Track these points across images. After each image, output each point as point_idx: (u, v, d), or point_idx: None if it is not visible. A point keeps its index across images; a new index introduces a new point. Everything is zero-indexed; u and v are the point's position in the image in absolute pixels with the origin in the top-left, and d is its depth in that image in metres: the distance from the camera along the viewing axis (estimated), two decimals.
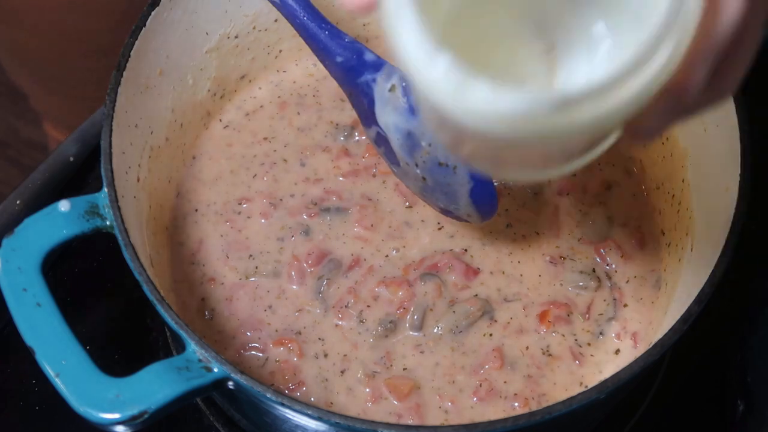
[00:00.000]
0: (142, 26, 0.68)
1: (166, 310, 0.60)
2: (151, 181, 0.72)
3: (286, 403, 0.57)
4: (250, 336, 0.71)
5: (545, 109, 0.38)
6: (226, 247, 0.74)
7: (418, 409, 0.68)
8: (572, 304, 0.73)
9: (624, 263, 0.74)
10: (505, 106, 0.37)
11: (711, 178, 0.69)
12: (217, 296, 0.73)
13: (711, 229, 0.66)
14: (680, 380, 0.77)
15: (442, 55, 0.37)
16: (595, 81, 0.39)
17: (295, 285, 0.73)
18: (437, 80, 0.37)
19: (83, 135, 0.82)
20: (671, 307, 0.70)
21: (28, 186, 0.80)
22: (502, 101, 0.37)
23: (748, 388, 0.77)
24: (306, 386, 0.69)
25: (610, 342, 0.72)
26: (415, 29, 0.37)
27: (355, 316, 0.71)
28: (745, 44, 0.45)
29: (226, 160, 0.78)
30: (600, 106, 0.39)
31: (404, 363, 0.70)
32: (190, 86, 0.76)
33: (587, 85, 0.38)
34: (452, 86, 0.37)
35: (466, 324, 0.71)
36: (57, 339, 0.59)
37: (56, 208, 0.63)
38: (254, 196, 0.76)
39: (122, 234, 0.62)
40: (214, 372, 0.59)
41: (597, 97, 0.39)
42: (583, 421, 0.72)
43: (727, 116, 0.67)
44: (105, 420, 0.57)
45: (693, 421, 0.77)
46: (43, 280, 0.61)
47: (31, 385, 0.75)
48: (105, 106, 0.65)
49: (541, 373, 0.70)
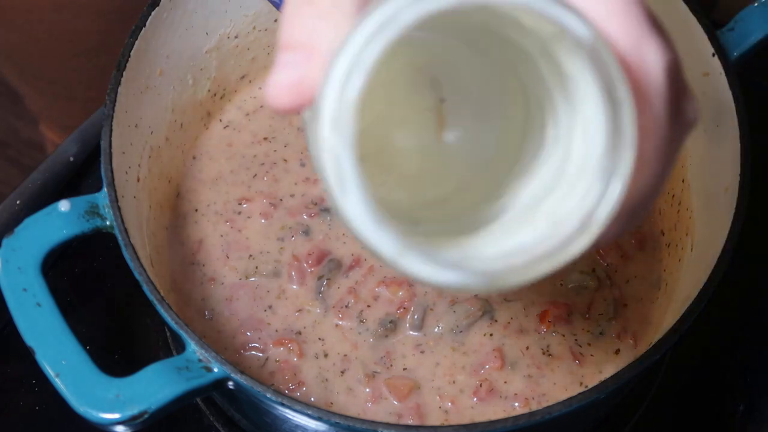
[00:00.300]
0: (142, 26, 0.68)
1: (166, 310, 0.60)
2: (151, 181, 0.72)
3: (286, 403, 0.57)
4: (250, 336, 0.71)
5: (477, 286, 0.41)
6: (226, 247, 0.74)
7: (418, 409, 0.68)
8: (572, 304, 0.73)
9: (624, 263, 0.74)
10: (439, 280, 0.40)
11: (711, 178, 0.69)
12: (217, 296, 0.73)
13: (711, 229, 0.66)
14: (680, 380, 0.77)
15: (384, 227, 0.40)
16: (520, 263, 0.42)
17: (295, 285, 0.73)
18: (379, 244, 0.40)
19: (83, 135, 0.82)
20: (671, 307, 0.70)
21: (28, 186, 0.80)
22: (436, 275, 0.40)
23: (748, 388, 0.77)
24: (306, 386, 0.69)
25: (610, 342, 0.72)
26: (362, 199, 0.40)
27: (356, 316, 0.71)
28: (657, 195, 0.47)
29: (226, 160, 0.78)
30: (532, 274, 0.42)
31: (404, 363, 0.70)
32: (190, 86, 0.76)
33: (512, 265, 0.42)
34: (392, 255, 0.40)
35: (466, 324, 0.71)
36: (57, 339, 0.59)
37: (56, 208, 0.63)
38: (254, 196, 0.76)
39: (122, 234, 0.62)
40: (214, 372, 0.59)
41: (524, 272, 0.42)
42: (583, 421, 0.72)
43: (727, 116, 0.67)
44: (105, 420, 0.57)
45: (693, 421, 0.77)
46: (43, 280, 0.61)
47: (31, 385, 0.75)
48: (105, 106, 0.65)
49: (541, 373, 0.70)
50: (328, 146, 0.40)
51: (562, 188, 0.45)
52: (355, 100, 0.40)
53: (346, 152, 0.40)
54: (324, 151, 0.40)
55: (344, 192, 0.40)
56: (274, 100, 0.43)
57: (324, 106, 0.40)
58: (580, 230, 0.42)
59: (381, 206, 0.41)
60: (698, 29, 0.69)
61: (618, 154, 0.41)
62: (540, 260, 0.42)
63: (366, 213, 0.40)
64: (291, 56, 0.43)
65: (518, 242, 0.44)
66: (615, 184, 0.42)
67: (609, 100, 0.41)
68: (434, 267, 0.40)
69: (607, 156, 0.41)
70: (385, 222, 0.40)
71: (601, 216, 0.42)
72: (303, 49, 0.42)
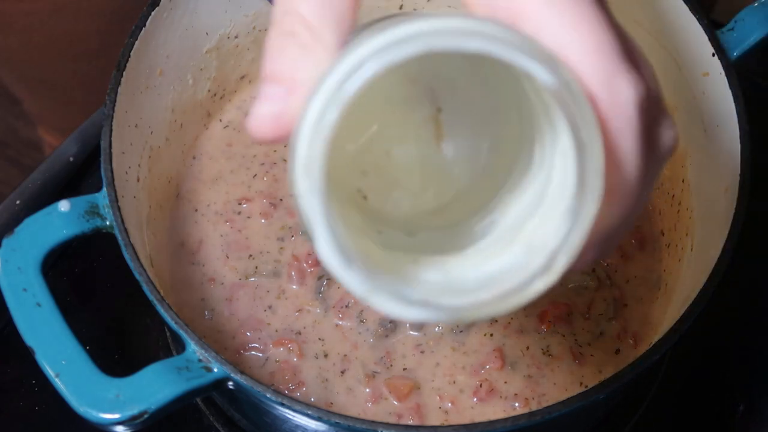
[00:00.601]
0: (142, 26, 0.68)
1: (166, 310, 0.60)
2: (151, 181, 0.72)
3: (286, 403, 0.57)
4: (250, 336, 0.71)
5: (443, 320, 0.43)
6: (226, 247, 0.74)
7: (418, 410, 0.68)
8: (572, 304, 0.73)
9: (624, 263, 0.74)
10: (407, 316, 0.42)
11: (711, 178, 0.69)
12: (217, 296, 0.73)
13: (711, 229, 0.66)
14: (680, 380, 0.77)
15: (353, 268, 0.41)
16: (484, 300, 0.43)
17: (295, 285, 0.73)
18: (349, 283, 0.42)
19: (83, 135, 0.82)
20: (671, 307, 0.70)
21: (28, 186, 0.80)
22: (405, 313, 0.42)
23: (748, 388, 0.77)
24: (306, 386, 0.69)
25: (611, 342, 0.72)
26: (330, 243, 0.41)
27: (356, 316, 0.71)
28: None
29: (226, 160, 0.78)
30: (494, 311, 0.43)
31: (404, 363, 0.70)
32: (190, 86, 0.76)
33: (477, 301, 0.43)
34: (361, 294, 0.42)
35: (466, 324, 0.71)
36: (57, 339, 0.59)
37: (56, 208, 0.63)
38: (254, 196, 0.76)
39: (122, 234, 0.62)
40: (214, 372, 0.59)
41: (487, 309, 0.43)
42: (583, 420, 0.72)
43: (727, 116, 0.67)
44: (105, 420, 0.57)
45: (693, 421, 0.77)
46: (43, 280, 0.61)
47: (31, 385, 0.75)
48: (105, 106, 0.65)
49: (541, 373, 0.70)
50: (301, 191, 0.41)
51: (542, 213, 0.45)
52: (323, 148, 0.41)
53: (316, 199, 0.41)
54: (297, 195, 0.42)
55: (315, 234, 0.41)
56: (257, 131, 0.44)
57: (297, 150, 0.42)
58: (543, 270, 0.43)
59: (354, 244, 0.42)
60: (698, 29, 0.69)
61: (583, 198, 0.42)
62: (503, 298, 0.43)
63: (335, 256, 0.41)
64: (273, 89, 0.43)
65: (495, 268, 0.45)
66: (575, 234, 0.42)
67: (576, 141, 0.41)
68: (401, 305, 0.42)
69: (575, 197, 0.42)
70: (354, 263, 0.41)
71: (561, 261, 0.43)
72: (284, 82, 0.43)
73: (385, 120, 0.51)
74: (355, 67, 0.40)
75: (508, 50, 0.40)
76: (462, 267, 0.46)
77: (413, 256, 0.47)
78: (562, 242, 0.42)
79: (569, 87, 0.40)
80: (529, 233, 0.45)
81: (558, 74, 0.40)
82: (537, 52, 0.40)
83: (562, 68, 0.41)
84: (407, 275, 0.45)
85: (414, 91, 0.51)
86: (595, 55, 0.42)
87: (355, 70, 0.40)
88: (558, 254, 0.43)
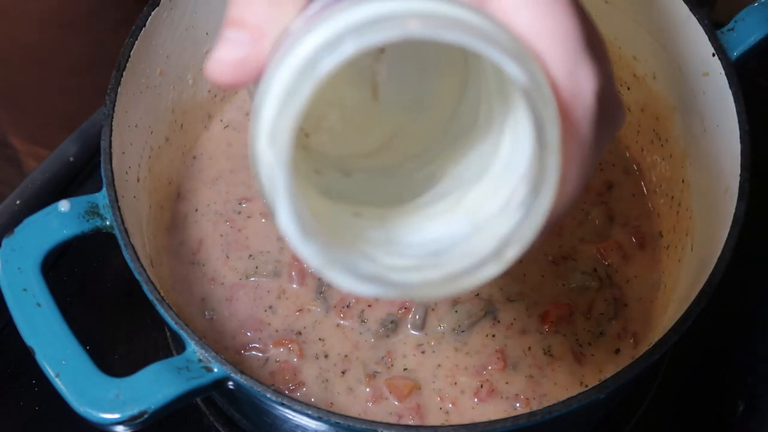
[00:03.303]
0: (142, 26, 0.68)
1: (166, 310, 0.60)
2: (151, 181, 0.72)
3: (286, 403, 0.57)
4: (250, 336, 0.71)
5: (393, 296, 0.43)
6: (226, 247, 0.74)
7: (419, 410, 0.68)
8: (574, 304, 0.72)
9: (624, 263, 0.74)
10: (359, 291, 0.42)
11: (711, 178, 0.69)
12: (217, 296, 0.73)
13: (711, 230, 0.66)
14: (680, 380, 0.77)
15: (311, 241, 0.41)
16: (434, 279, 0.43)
17: (296, 285, 0.73)
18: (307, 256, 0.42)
19: (83, 135, 0.82)
20: (671, 307, 0.70)
21: (28, 186, 0.80)
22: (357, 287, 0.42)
23: (748, 388, 0.77)
24: (306, 386, 0.69)
25: (611, 342, 0.72)
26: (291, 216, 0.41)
27: (357, 316, 0.71)
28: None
29: (226, 160, 0.78)
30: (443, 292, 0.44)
31: (405, 363, 0.70)
32: (190, 86, 0.76)
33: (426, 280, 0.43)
34: (317, 266, 0.42)
35: (468, 324, 0.71)
36: (57, 339, 0.59)
37: (56, 208, 0.63)
38: (254, 196, 0.76)
39: (122, 234, 0.62)
40: (214, 372, 0.59)
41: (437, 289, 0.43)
42: (583, 421, 0.72)
43: (727, 116, 0.67)
44: (105, 420, 0.57)
45: (693, 421, 0.77)
46: (43, 280, 0.61)
47: (31, 385, 0.75)
48: (105, 106, 0.65)
49: (542, 373, 0.70)
50: (264, 161, 0.41)
51: (487, 182, 0.46)
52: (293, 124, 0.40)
53: (281, 172, 0.41)
54: (259, 164, 0.42)
55: (277, 206, 0.41)
56: (216, 75, 0.44)
57: (261, 119, 0.41)
58: (493, 256, 0.43)
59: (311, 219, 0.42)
60: (698, 29, 0.69)
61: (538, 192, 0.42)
62: (452, 280, 0.43)
63: (295, 227, 0.41)
64: (237, 34, 0.43)
65: (438, 235, 0.45)
66: (527, 227, 0.42)
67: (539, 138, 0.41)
68: (355, 280, 0.42)
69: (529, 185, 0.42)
70: (312, 236, 0.41)
71: (512, 252, 0.43)
72: (249, 29, 0.43)
73: None
74: (331, 44, 0.39)
75: (484, 44, 0.40)
76: (403, 226, 0.46)
77: (354, 207, 0.47)
78: (514, 232, 0.43)
79: (538, 85, 0.40)
80: (473, 203, 0.46)
81: (529, 71, 0.40)
82: (510, 44, 0.40)
83: (533, 64, 0.41)
84: (351, 232, 0.45)
85: None
86: (562, 44, 0.42)
87: (331, 47, 0.39)
88: (509, 243, 0.43)
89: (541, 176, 0.41)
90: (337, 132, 0.53)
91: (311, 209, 0.44)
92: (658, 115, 0.76)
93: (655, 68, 0.74)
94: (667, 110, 0.75)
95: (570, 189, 0.45)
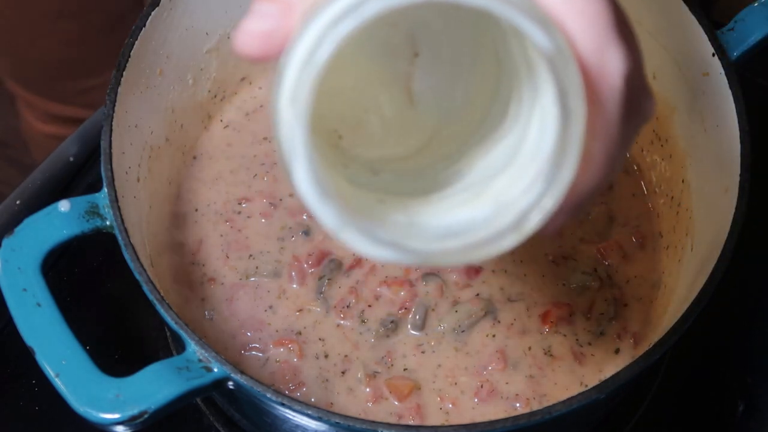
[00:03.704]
0: (142, 26, 0.68)
1: (166, 310, 0.60)
2: (151, 181, 0.72)
3: (286, 403, 0.57)
4: (250, 336, 0.71)
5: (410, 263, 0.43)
6: (226, 247, 0.74)
7: (419, 410, 0.68)
8: (574, 304, 0.72)
9: (625, 263, 0.74)
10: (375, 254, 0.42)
11: (711, 178, 0.69)
12: (217, 296, 0.73)
13: (711, 230, 0.66)
14: (680, 380, 0.77)
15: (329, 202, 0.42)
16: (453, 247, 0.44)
17: (296, 285, 0.73)
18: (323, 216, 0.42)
19: (83, 135, 0.82)
20: (671, 307, 0.70)
21: (28, 186, 0.80)
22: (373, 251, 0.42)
23: (748, 388, 0.77)
24: (306, 386, 0.69)
25: (611, 342, 0.72)
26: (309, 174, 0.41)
27: (357, 316, 0.71)
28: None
29: (226, 160, 0.78)
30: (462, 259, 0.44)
31: (405, 363, 0.70)
32: (190, 86, 0.76)
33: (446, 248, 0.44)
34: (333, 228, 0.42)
35: (468, 324, 0.71)
36: (57, 339, 0.59)
37: (56, 208, 0.63)
38: (254, 196, 0.76)
39: (122, 234, 0.62)
40: (214, 372, 0.58)
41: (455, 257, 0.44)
42: (583, 420, 0.72)
43: (727, 116, 0.67)
44: (105, 420, 0.57)
45: (693, 421, 0.77)
46: (43, 280, 0.61)
47: (31, 385, 0.75)
48: (105, 106, 0.65)
49: (542, 373, 0.70)
50: (284, 119, 0.42)
51: (513, 170, 0.46)
52: (313, 80, 0.41)
53: (299, 129, 0.41)
54: (279, 123, 0.42)
55: (294, 164, 0.41)
56: (244, 46, 0.44)
57: (284, 78, 0.42)
58: (513, 227, 0.43)
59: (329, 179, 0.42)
60: (698, 29, 0.69)
61: (561, 163, 0.42)
62: (472, 248, 0.44)
63: (312, 187, 0.41)
64: (267, 7, 0.44)
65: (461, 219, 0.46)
66: (548, 197, 0.43)
67: (562, 107, 0.42)
68: (371, 243, 0.42)
69: (553, 160, 0.43)
70: (329, 197, 0.42)
71: (532, 222, 0.43)
72: (279, 3, 0.44)
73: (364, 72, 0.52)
74: (354, 6, 0.40)
75: (508, 9, 0.40)
76: (426, 213, 0.47)
77: (379, 195, 0.48)
78: (535, 203, 0.43)
79: (562, 53, 0.41)
80: (498, 190, 0.46)
81: (553, 39, 0.41)
82: (534, 13, 0.41)
83: (557, 33, 0.41)
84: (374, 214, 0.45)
85: (394, 35, 0.51)
86: (591, 24, 0.43)
87: (354, 8, 0.40)
88: (530, 214, 0.43)
89: (564, 147, 0.42)
90: (376, 138, 0.53)
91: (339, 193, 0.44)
92: (658, 115, 0.76)
93: (655, 68, 0.74)
94: (667, 110, 0.75)
95: (595, 168, 0.45)
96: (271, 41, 0.44)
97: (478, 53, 0.51)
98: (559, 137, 0.42)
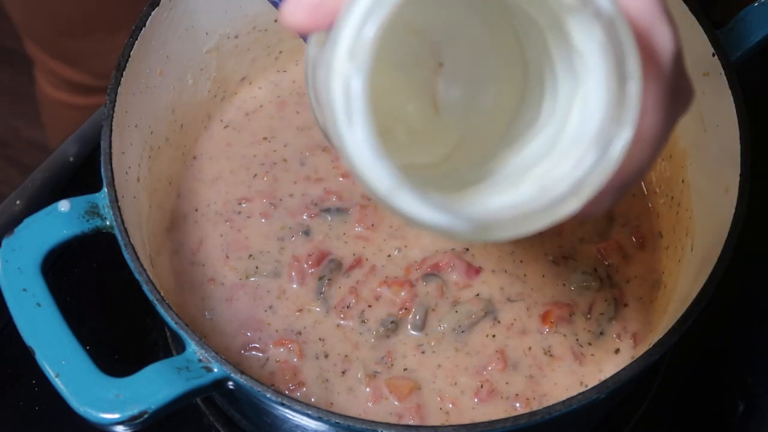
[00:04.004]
0: (142, 26, 0.68)
1: (166, 310, 0.60)
2: (151, 181, 0.72)
3: (286, 403, 0.57)
4: (250, 336, 0.71)
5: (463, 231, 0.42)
6: (226, 247, 0.74)
7: (419, 410, 0.68)
8: (574, 304, 0.72)
9: (625, 263, 0.74)
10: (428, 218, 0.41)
11: (711, 178, 0.69)
12: (217, 296, 0.73)
13: (711, 229, 0.66)
14: (680, 380, 0.77)
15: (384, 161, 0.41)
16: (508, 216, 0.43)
17: (296, 285, 0.73)
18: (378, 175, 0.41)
19: (83, 135, 0.82)
20: (671, 307, 0.70)
21: (28, 186, 0.80)
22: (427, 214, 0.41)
23: (748, 388, 0.77)
24: (306, 386, 0.69)
25: (611, 342, 0.72)
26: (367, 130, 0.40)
27: (357, 316, 0.71)
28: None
29: (226, 160, 0.78)
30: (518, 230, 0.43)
31: (405, 363, 0.70)
32: (190, 86, 0.76)
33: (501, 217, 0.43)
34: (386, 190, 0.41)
35: (468, 324, 0.71)
36: (57, 339, 0.59)
37: (56, 208, 0.63)
38: (254, 196, 0.76)
39: (122, 234, 0.62)
40: (214, 372, 0.59)
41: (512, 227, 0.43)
42: (583, 420, 0.72)
43: (727, 116, 0.67)
44: (105, 420, 0.57)
45: (693, 421, 0.77)
46: (43, 280, 0.61)
47: (31, 385, 0.75)
48: (105, 106, 0.65)
49: (542, 373, 0.70)
50: (341, 74, 0.41)
51: (553, 157, 0.46)
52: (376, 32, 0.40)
53: (359, 81, 0.41)
54: (336, 80, 0.41)
55: (349, 121, 0.41)
56: (291, 17, 0.44)
57: (342, 35, 0.41)
58: (571, 193, 0.43)
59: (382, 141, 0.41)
60: (698, 29, 0.69)
61: (619, 123, 0.43)
62: (528, 217, 0.43)
63: (368, 144, 0.40)
64: None
65: (504, 201, 0.45)
66: (613, 150, 0.43)
67: (618, 72, 0.42)
68: (426, 206, 0.41)
69: (605, 126, 0.43)
70: (384, 156, 0.41)
71: (596, 179, 0.43)
72: None
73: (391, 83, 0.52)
74: None
75: None
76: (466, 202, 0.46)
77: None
78: (590, 171, 0.43)
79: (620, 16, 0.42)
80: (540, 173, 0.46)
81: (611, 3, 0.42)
82: None
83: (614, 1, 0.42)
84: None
85: (418, 45, 0.51)
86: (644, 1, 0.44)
87: None
88: (587, 179, 0.43)
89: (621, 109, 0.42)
90: (403, 147, 0.53)
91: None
92: None
93: None
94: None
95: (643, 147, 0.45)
96: (317, 12, 0.44)
97: (502, 60, 0.51)
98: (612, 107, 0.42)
